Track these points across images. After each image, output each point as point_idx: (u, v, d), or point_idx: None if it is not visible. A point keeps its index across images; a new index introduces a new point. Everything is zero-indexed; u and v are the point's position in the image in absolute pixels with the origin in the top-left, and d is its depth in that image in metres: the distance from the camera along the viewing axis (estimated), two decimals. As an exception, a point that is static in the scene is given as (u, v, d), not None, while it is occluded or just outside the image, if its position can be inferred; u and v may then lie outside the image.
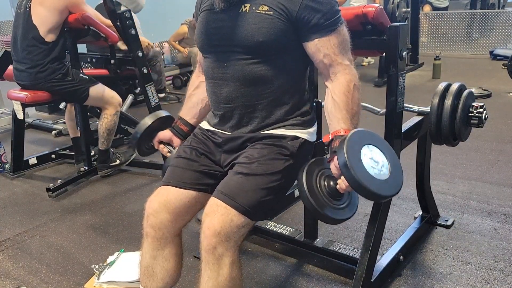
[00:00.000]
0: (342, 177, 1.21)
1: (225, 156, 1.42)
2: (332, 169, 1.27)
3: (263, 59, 1.32)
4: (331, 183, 1.28)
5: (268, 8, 1.29)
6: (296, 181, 1.36)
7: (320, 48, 1.30)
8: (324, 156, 1.39)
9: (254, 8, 1.30)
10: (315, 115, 1.51)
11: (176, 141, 1.62)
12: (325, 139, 1.33)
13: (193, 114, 1.62)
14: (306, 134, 1.42)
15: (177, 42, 5.77)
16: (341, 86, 1.31)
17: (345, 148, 1.17)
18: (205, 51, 1.43)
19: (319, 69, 1.36)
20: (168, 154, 1.62)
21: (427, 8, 8.12)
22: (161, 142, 1.66)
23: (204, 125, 1.52)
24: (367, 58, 6.35)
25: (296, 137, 1.39)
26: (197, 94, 1.62)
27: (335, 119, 1.31)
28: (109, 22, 2.85)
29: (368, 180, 1.17)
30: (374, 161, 1.23)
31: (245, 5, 1.31)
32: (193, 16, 5.76)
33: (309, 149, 1.46)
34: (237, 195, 1.26)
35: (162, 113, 1.75)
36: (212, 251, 1.24)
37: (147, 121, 1.69)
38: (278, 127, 1.38)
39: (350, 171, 1.16)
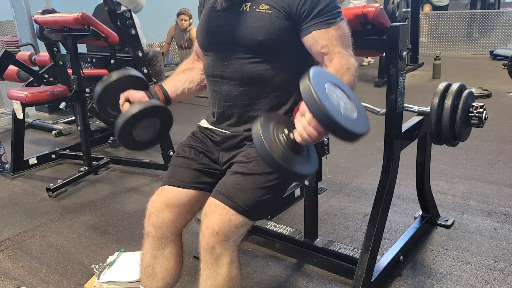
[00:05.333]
0: (304, 123, 1.07)
1: (223, 154, 1.42)
2: (296, 119, 1.11)
3: (262, 58, 1.32)
4: (291, 135, 1.13)
5: (268, 7, 1.30)
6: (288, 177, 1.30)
7: (317, 39, 1.30)
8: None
9: (254, 7, 1.31)
10: None
11: None
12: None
13: (175, 88, 1.52)
14: None
15: (173, 41, 5.83)
16: (334, 66, 1.28)
17: (311, 81, 1.02)
18: (206, 49, 1.44)
19: (319, 61, 1.35)
20: (125, 108, 1.40)
21: (427, 8, 8.11)
22: (127, 101, 1.43)
23: (203, 123, 1.52)
24: (367, 58, 6.35)
25: None
26: (188, 74, 1.56)
27: None
28: None
29: (339, 116, 1.02)
30: (340, 99, 1.07)
31: (246, 4, 1.32)
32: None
33: None
34: (235, 194, 1.26)
35: (133, 71, 1.54)
36: (210, 250, 1.25)
37: (113, 75, 1.46)
38: None
39: (319, 104, 0.99)
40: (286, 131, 1.14)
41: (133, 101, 1.41)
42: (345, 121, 1.02)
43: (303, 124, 1.07)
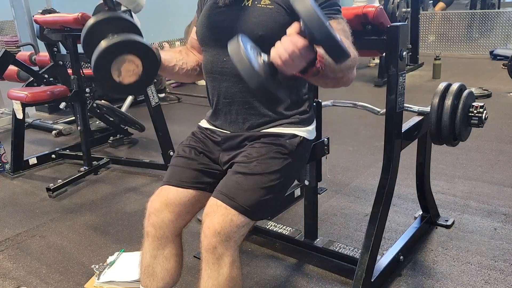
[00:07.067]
0: (284, 39, 1.02)
1: (224, 155, 1.42)
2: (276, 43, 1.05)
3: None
4: (267, 56, 1.05)
5: (269, 2, 1.30)
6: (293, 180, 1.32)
7: None
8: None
9: (256, 2, 1.32)
10: (314, 114, 1.51)
11: None
12: None
13: (170, 59, 1.46)
14: (305, 132, 1.42)
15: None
16: None
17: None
18: (206, 44, 1.43)
19: None
20: None
21: (440, 5, 7.97)
22: None
23: (203, 123, 1.52)
24: (374, 59, 6.30)
25: (295, 135, 1.39)
26: (184, 55, 1.52)
27: None
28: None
29: (331, 28, 0.97)
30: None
31: None
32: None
33: (308, 147, 1.46)
34: (237, 195, 1.26)
35: (139, 37, 1.31)
36: (212, 250, 1.25)
37: (117, 37, 1.27)
38: (277, 126, 1.38)
39: (311, 8, 0.93)
40: (261, 53, 1.05)
41: None
42: (336, 35, 0.96)
43: (282, 40, 1.01)
